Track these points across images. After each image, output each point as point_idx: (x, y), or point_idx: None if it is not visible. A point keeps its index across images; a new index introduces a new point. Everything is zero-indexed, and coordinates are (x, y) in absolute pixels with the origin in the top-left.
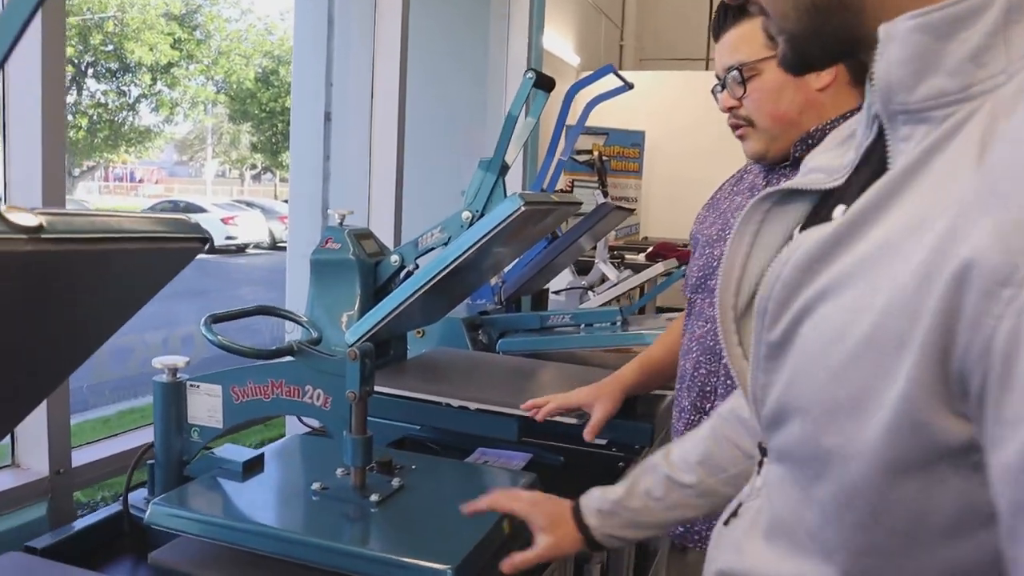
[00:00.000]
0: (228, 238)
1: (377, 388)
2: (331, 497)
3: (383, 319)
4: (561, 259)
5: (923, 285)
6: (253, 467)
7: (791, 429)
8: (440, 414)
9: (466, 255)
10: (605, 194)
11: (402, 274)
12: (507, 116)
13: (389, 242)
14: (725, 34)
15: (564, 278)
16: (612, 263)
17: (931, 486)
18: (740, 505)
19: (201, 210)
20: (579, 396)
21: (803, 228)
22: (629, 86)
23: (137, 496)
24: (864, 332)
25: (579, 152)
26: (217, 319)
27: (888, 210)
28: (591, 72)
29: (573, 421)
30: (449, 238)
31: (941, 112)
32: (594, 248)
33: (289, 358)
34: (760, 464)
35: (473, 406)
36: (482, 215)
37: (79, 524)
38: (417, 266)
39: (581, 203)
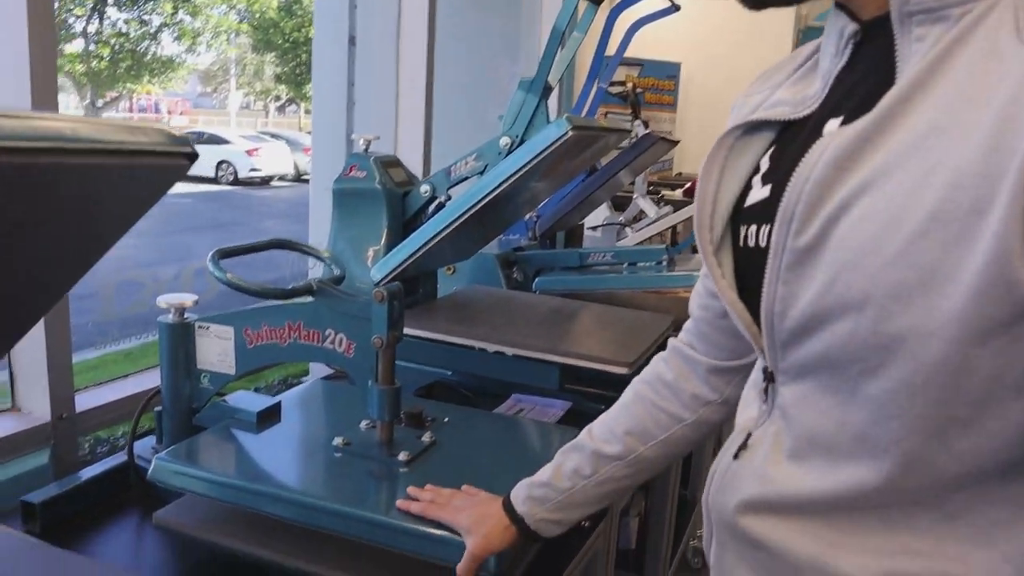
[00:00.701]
0: (252, 170)
1: (408, 331)
2: (354, 454)
3: (412, 255)
4: (599, 194)
5: (996, 152)
6: (268, 417)
7: (837, 329)
8: (474, 359)
9: (504, 186)
10: (646, 125)
11: (433, 206)
12: (552, 30)
13: (418, 173)
14: None
15: (600, 214)
16: (651, 199)
17: (1011, 344)
18: (749, 436)
19: (225, 142)
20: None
21: (775, 153)
22: (675, 7)
23: (145, 445)
24: (928, 210)
25: (612, 84)
26: (226, 254)
27: (918, 103)
28: None
29: (623, 371)
30: (485, 167)
31: (959, 9)
32: (632, 183)
33: (308, 298)
34: (766, 391)
35: (510, 351)
36: (522, 141)
37: (83, 475)
38: (449, 197)
39: (631, 131)
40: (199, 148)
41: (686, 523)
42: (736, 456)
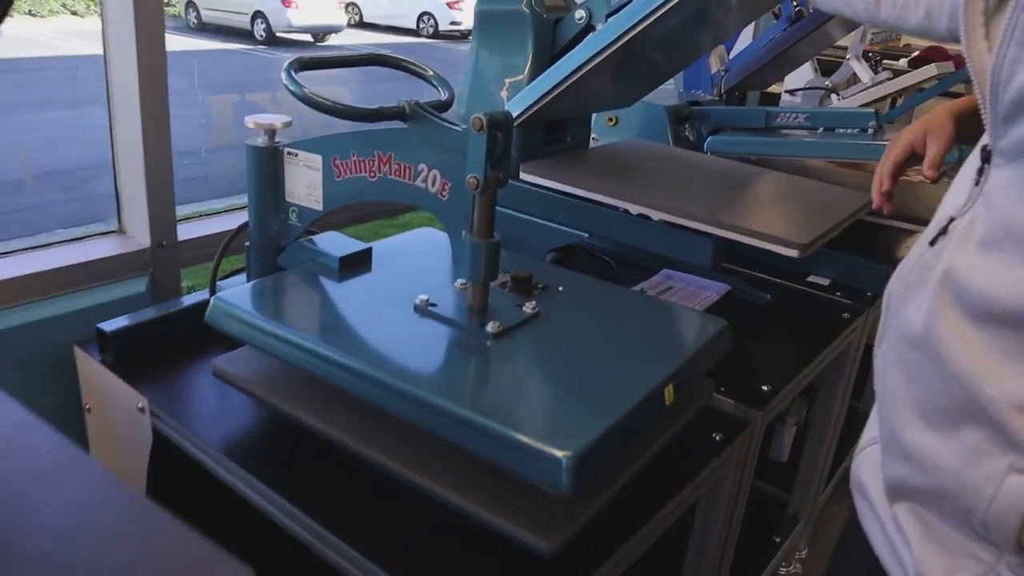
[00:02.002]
0: (453, 23)
1: (539, 180)
2: (436, 317)
3: (551, 90)
4: (802, 48)
5: None
6: (354, 264)
7: None
8: (614, 222)
9: (667, 7)
10: None
11: (590, 36)
12: None
13: None
14: None
15: (802, 75)
16: (867, 63)
17: None
18: (951, 221)
19: None
20: (902, 142)
21: None
22: None
23: (237, 283)
24: None
25: None
26: (307, 64)
27: None
28: None
29: (792, 253)
30: None
31: None
32: (845, 40)
33: (400, 124)
34: (980, 173)
35: (656, 215)
36: None
37: (162, 308)
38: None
39: None
40: None
41: (853, 439)
42: (933, 243)
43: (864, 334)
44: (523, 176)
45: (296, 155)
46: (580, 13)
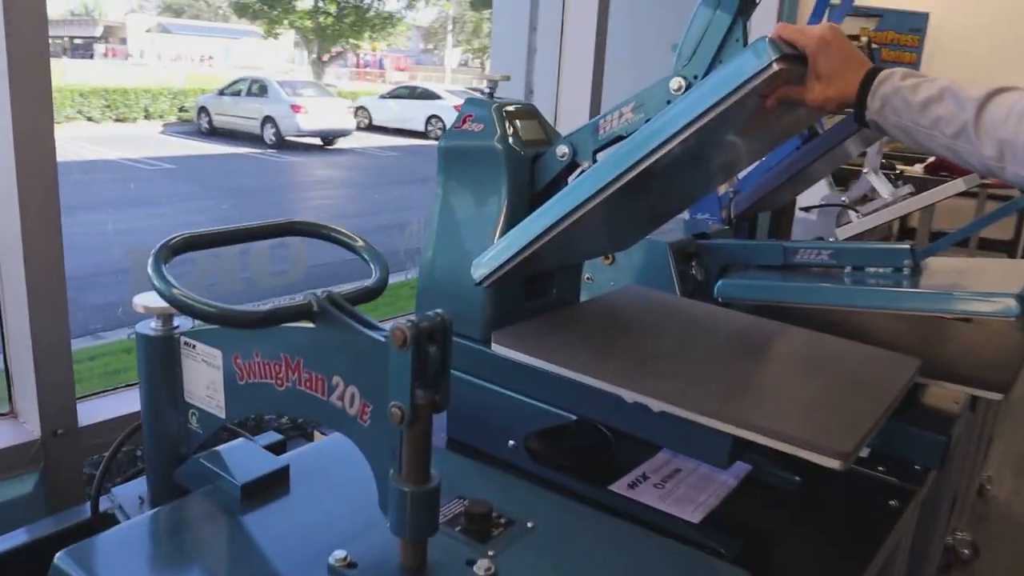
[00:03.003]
0: None
1: (511, 355)
2: None
3: (529, 245)
4: (818, 166)
5: None
6: (265, 489)
7: None
8: (608, 406)
9: (667, 149)
10: None
11: (574, 175)
12: None
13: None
14: None
15: (817, 191)
16: (885, 175)
17: None
18: None
19: (436, 96)
20: None
21: None
22: None
23: (132, 492)
24: None
25: None
26: (183, 247)
27: None
28: None
29: (835, 463)
30: (647, 121)
31: None
32: (862, 155)
33: (307, 324)
34: None
35: (656, 406)
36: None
37: (39, 528)
38: (597, 163)
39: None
40: (413, 103)
41: None
42: None
43: (912, 523)
44: (494, 348)
45: (194, 347)
46: (563, 149)
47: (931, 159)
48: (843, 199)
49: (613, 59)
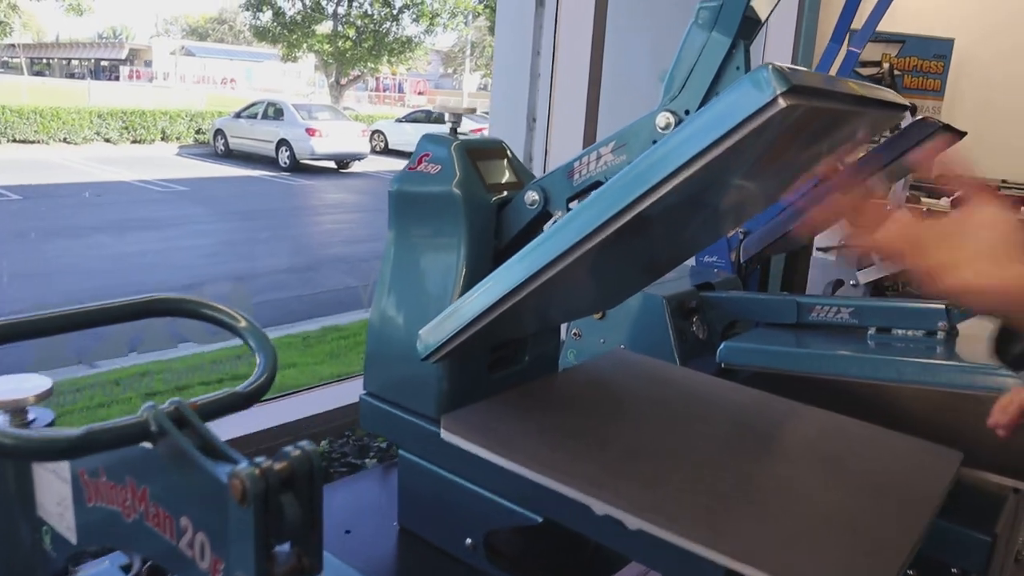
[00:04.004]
0: None
1: (462, 445)
2: None
3: (480, 317)
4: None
5: None
6: None
7: None
8: (576, 512)
9: (653, 197)
10: (914, 110)
11: (549, 224)
12: None
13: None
14: None
15: (837, 230)
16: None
17: None
18: None
19: None
20: None
21: None
22: None
23: None
24: None
25: (865, 64)
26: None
27: None
28: None
29: None
30: (629, 164)
31: None
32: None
33: (146, 445)
34: None
35: (633, 523)
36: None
37: None
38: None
39: (909, 107)
40: (430, 127)
41: None
42: None
43: None
44: (443, 436)
45: None
46: (532, 196)
47: (958, 193)
48: None
49: (620, 81)
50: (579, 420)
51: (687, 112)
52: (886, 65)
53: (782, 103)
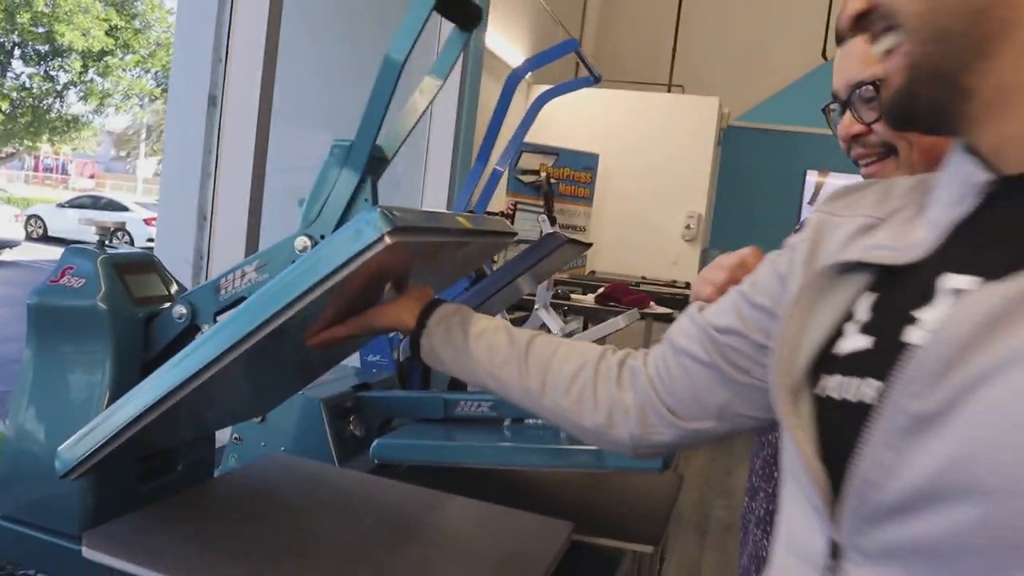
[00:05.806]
0: (150, 240)
1: (113, 561)
2: None
3: (123, 430)
4: (492, 303)
5: None
6: None
7: (956, 515)
8: None
9: (289, 313)
10: (553, 221)
11: (198, 338)
12: (385, 60)
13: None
14: (851, 40)
15: None
16: (556, 310)
17: None
18: None
19: (124, 208)
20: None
21: (878, 302)
22: (596, 78)
23: None
24: None
25: (525, 172)
26: None
27: None
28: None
29: None
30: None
31: None
32: (532, 293)
33: None
34: (831, 572)
35: None
36: None
37: None
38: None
39: (513, 234)
40: (97, 214)
41: None
42: None
43: None
44: (85, 553)
45: None
46: (180, 310)
47: (603, 289)
48: None
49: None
50: (232, 525)
51: (322, 236)
52: (543, 173)
53: (388, 240)
